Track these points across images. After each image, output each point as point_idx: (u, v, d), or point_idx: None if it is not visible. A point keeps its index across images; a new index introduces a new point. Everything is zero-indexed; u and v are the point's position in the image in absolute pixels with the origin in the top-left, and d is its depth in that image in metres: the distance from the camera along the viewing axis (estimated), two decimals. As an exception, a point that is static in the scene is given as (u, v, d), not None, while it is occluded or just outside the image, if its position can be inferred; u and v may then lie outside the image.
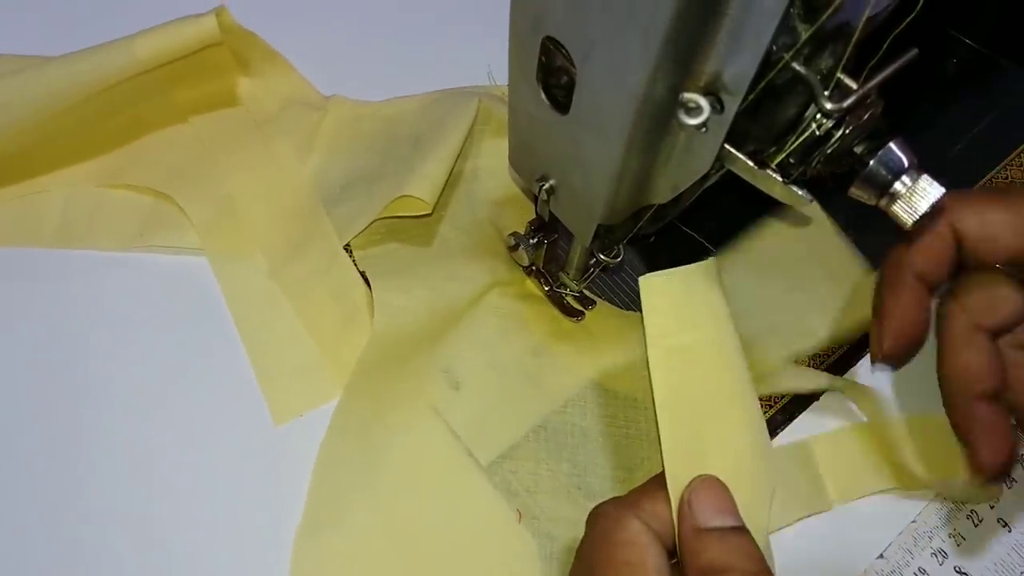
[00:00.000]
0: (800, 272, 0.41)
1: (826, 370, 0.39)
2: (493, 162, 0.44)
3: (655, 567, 0.26)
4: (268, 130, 0.45)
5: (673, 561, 0.27)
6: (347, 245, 0.41)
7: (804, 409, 0.38)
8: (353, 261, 0.41)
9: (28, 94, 0.40)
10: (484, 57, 0.47)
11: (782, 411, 0.38)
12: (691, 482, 0.27)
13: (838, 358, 0.40)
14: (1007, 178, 0.44)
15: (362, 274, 0.41)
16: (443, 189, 0.40)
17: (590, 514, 0.28)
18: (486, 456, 0.37)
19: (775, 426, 0.38)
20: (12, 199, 0.43)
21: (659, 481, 0.28)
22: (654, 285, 0.29)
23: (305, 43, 0.47)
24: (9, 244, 0.42)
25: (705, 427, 0.28)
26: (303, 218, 0.42)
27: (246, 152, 0.44)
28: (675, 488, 0.27)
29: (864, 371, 0.39)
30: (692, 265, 0.30)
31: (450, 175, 0.41)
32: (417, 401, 0.37)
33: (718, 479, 0.27)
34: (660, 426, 0.28)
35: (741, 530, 0.26)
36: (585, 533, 0.28)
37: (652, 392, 0.29)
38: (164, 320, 0.40)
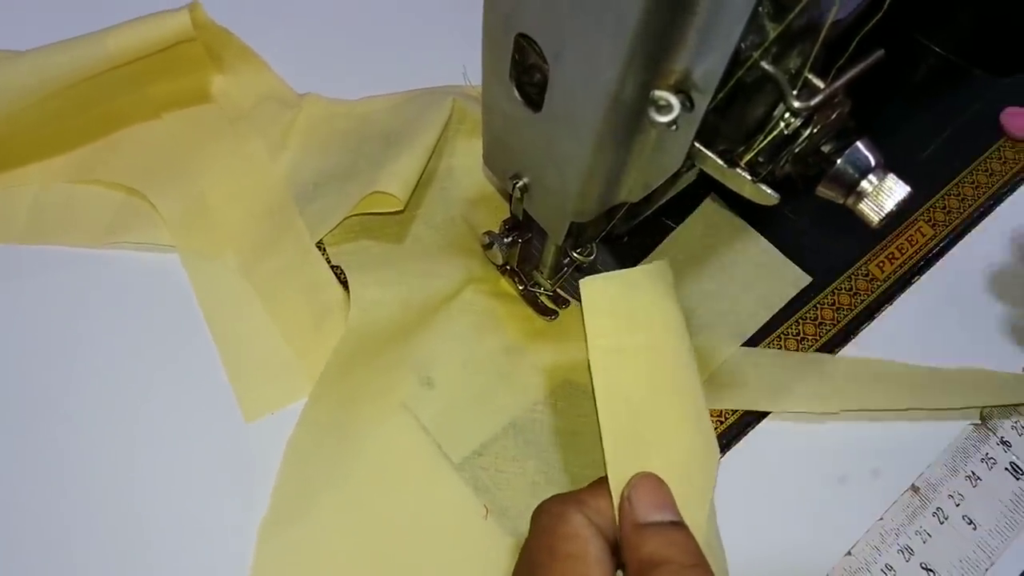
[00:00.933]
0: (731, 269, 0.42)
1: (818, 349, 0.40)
2: (468, 161, 0.44)
3: (596, 559, 0.26)
4: (241, 127, 0.45)
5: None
6: (320, 242, 0.41)
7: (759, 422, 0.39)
8: (327, 258, 0.41)
9: (2, 85, 0.39)
10: (459, 57, 0.47)
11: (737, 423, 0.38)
12: (631, 479, 0.28)
13: (825, 341, 0.40)
14: (973, 183, 0.45)
15: (335, 269, 0.40)
16: (416, 186, 0.40)
17: (535, 510, 0.29)
18: (458, 453, 0.37)
19: (728, 439, 0.38)
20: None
21: (604, 480, 0.28)
22: (595, 287, 0.30)
23: (279, 41, 0.47)
24: None
25: (645, 426, 0.29)
26: (275, 216, 0.42)
27: (219, 149, 0.44)
28: (616, 485, 0.28)
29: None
30: (636, 268, 0.30)
31: (423, 173, 0.41)
32: (388, 397, 0.37)
33: (657, 476, 0.28)
34: (601, 425, 0.29)
35: (679, 525, 0.27)
36: (530, 529, 0.29)
37: (593, 393, 0.29)
38: (135, 317, 0.40)
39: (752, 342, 0.40)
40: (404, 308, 0.38)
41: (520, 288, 0.40)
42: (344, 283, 0.40)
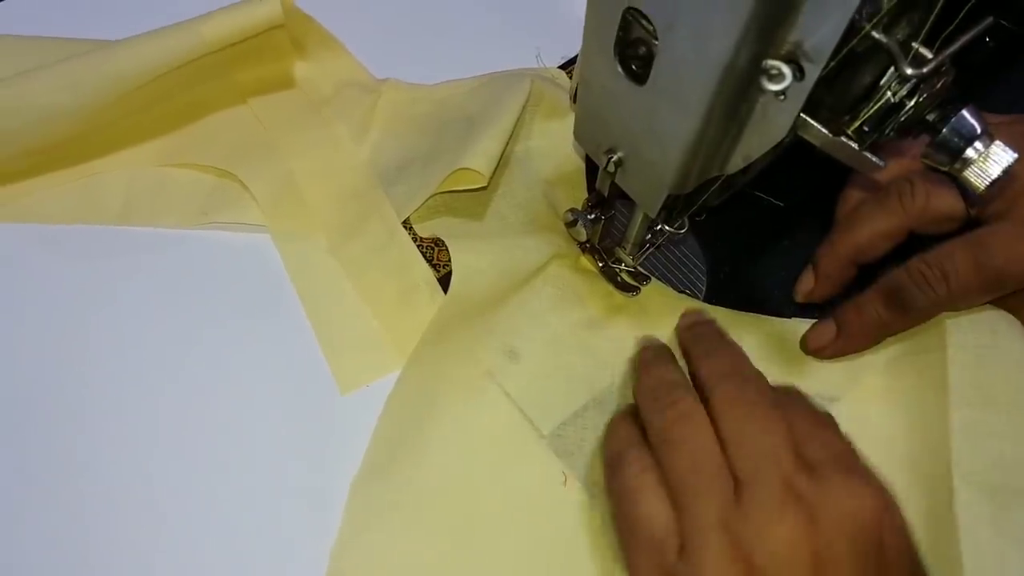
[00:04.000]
0: None
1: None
2: (545, 143, 0.45)
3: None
4: (325, 112, 0.46)
5: None
6: (406, 222, 0.42)
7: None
8: (415, 235, 0.42)
9: (97, 75, 0.41)
10: (532, 40, 0.48)
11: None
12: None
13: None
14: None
15: (421, 248, 0.42)
16: (498, 165, 0.41)
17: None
18: (545, 425, 0.38)
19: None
20: (76, 178, 0.44)
21: None
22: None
23: (358, 27, 0.48)
24: (74, 221, 0.43)
25: None
26: (361, 197, 0.44)
27: (304, 133, 0.45)
28: None
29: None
30: None
31: (503, 153, 0.42)
32: (476, 365, 0.39)
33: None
34: None
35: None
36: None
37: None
38: (228, 296, 0.41)
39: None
40: (501, 276, 0.40)
41: (600, 265, 0.41)
42: (430, 261, 0.41)
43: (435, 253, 0.42)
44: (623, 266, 0.40)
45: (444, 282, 0.41)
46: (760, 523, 0.27)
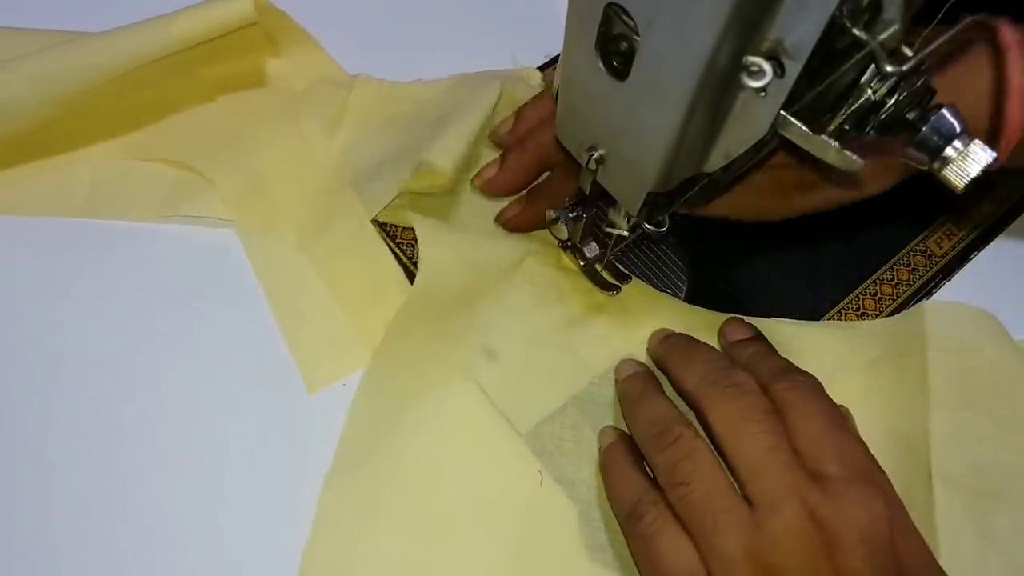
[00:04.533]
0: None
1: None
2: None
3: None
4: (296, 108, 0.46)
5: None
6: (375, 220, 0.42)
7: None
8: (392, 229, 0.42)
9: (65, 69, 0.40)
10: (512, 37, 0.48)
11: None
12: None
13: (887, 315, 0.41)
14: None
15: (404, 243, 0.42)
16: (463, 162, 0.41)
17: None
18: (523, 425, 0.38)
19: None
20: (41, 172, 0.43)
21: None
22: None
23: (332, 23, 0.48)
24: (39, 214, 0.43)
25: None
26: (331, 194, 0.43)
27: (274, 129, 0.45)
28: None
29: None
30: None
31: (470, 152, 0.42)
32: (450, 362, 0.38)
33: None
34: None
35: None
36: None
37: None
38: (194, 291, 0.41)
39: (815, 315, 0.40)
40: (470, 270, 0.40)
41: (581, 264, 0.41)
42: (410, 258, 0.41)
43: (415, 249, 0.41)
44: (603, 264, 0.40)
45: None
46: (786, 550, 0.28)
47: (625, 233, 0.36)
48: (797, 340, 0.39)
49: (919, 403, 0.36)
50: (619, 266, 0.41)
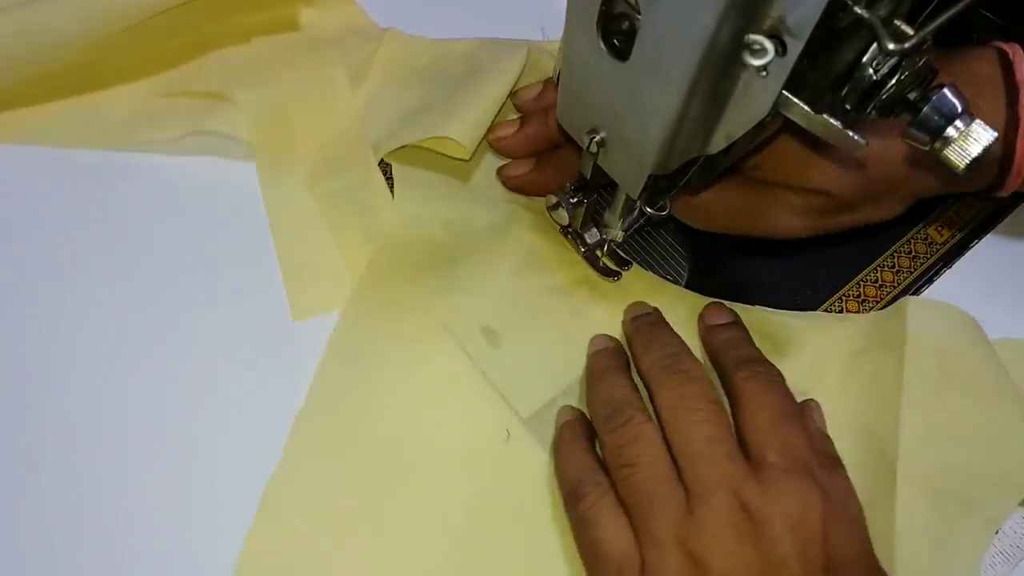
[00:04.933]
0: None
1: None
2: None
3: None
4: (326, 53, 0.46)
5: None
6: (388, 172, 0.43)
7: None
8: (390, 183, 0.43)
9: (107, 4, 0.41)
10: (543, 9, 0.48)
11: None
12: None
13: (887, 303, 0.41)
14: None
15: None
16: (480, 133, 0.42)
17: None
18: (525, 409, 0.38)
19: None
20: (77, 107, 0.44)
21: None
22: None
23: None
24: (72, 144, 0.43)
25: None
26: (346, 140, 0.44)
27: (302, 69, 0.45)
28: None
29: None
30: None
31: (488, 122, 0.42)
32: (430, 314, 0.39)
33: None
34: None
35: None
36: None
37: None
38: (206, 221, 0.42)
39: (814, 302, 0.40)
40: (445, 227, 0.40)
41: (582, 250, 0.41)
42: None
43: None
44: (605, 249, 0.40)
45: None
46: (713, 538, 0.29)
47: (620, 236, 0.36)
48: (780, 330, 0.39)
49: (893, 400, 0.35)
50: (620, 252, 0.41)
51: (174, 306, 0.40)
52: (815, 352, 0.39)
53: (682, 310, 0.39)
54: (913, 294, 0.41)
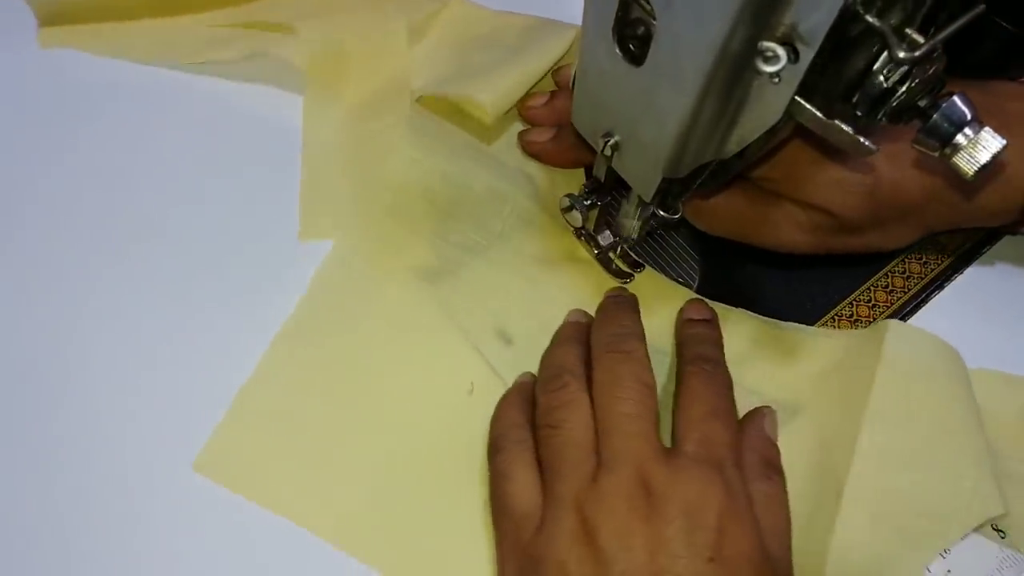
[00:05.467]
0: None
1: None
2: None
3: None
4: (391, 7, 0.47)
5: None
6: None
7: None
8: None
9: None
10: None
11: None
12: None
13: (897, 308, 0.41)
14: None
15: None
16: (512, 106, 0.43)
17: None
18: None
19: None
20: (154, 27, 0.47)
21: None
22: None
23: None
24: (145, 60, 0.46)
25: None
26: (392, 87, 0.45)
27: (368, 18, 0.47)
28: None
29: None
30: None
31: (519, 96, 0.43)
32: (415, 256, 0.41)
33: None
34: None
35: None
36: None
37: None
38: (245, 143, 0.45)
39: (825, 307, 0.41)
40: (443, 180, 0.42)
41: (595, 252, 0.41)
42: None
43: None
44: (618, 252, 0.41)
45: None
46: (608, 507, 0.30)
47: (633, 239, 0.36)
48: (756, 334, 0.40)
49: (855, 418, 0.36)
50: (633, 255, 0.41)
51: (190, 210, 0.43)
52: (787, 361, 0.39)
53: (737, 325, 0.40)
54: (924, 301, 0.41)
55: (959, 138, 0.26)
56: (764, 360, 0.39)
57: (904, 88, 0.26)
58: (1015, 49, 0.49)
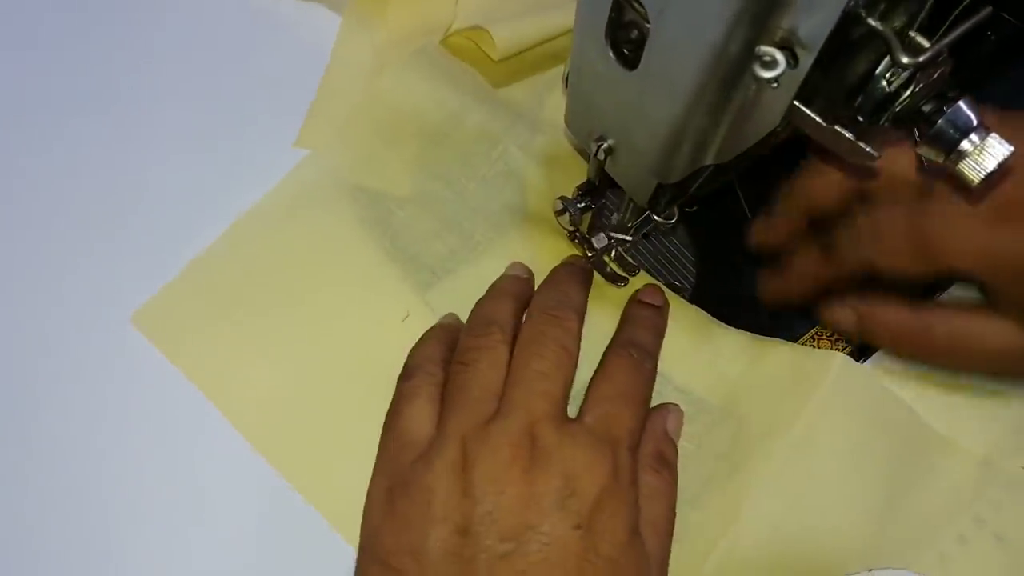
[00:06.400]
0: None
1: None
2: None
3: None
4: None
5: None
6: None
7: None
8: None
9: None
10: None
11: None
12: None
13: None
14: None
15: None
16: (517, 48, 0.43)
17: None
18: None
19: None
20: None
21: None
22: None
23: None
24: None
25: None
26: (430, 23, 0.45)
27: None
28: None
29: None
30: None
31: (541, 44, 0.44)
32: (387, 185, 0.41)
33: None
34: None
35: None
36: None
37: None
38: (277, 49, 0.45)
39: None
40: (437, 107, 0.42)
41: (589, 256, 0.40)
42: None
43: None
44: (613, 255, 0.40)
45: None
46: (491, 448, 0.30)
47: (627, 242, 0.36)
48: (702, 331, 0.39)
49: (773, 438, 0.36)
50: (628, 258, 0.40)
51: (199, 89, 0.44)
52: (728, 365, 0.38)
53: (683, 321, 0.39)
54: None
55: (965, 144, 0.25)
56: (701, 359, 0.38)
57: (908, 92, 0.25)
58: (1017, 41, 0.48)
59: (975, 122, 0.25)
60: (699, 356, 0.39)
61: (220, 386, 0.37)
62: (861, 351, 0.39)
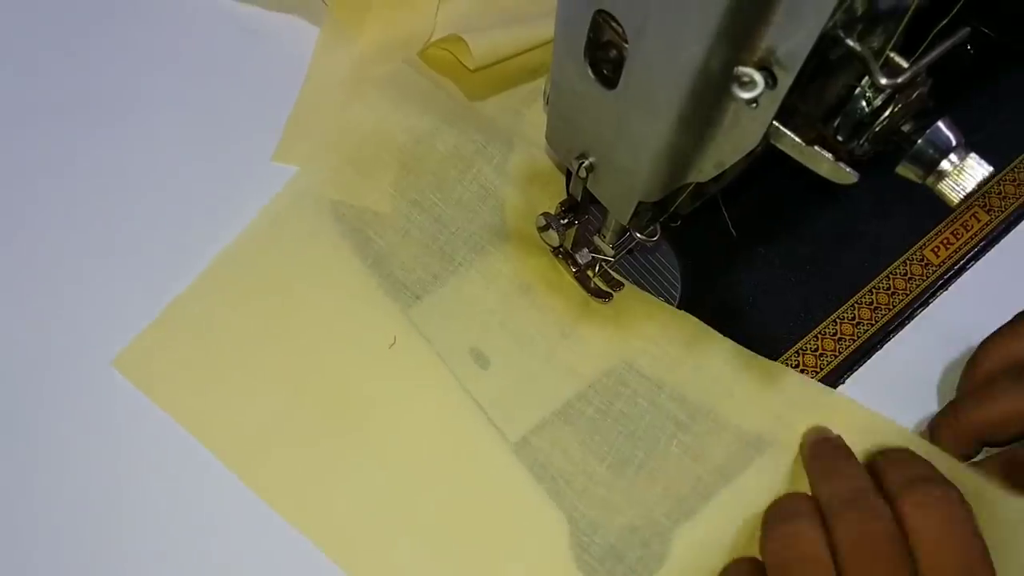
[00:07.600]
0: None
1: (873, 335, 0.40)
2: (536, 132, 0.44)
3: None
4: None
5: None
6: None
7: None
8: None
9: None
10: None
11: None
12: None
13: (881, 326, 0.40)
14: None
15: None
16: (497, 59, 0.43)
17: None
18: (513, 434, 0.37)
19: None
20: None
21: None
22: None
23: None
24: None
25: None
26: (409, 36, 0.45)
27: None
28: None
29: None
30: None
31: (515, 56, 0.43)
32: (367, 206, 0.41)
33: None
34: None
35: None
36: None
37: None
38: (254, 63, 0.46)
39: (808, 324, 0.40)
40: (407, 133, 0.42)
41: (573, 271, 0.40)
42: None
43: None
44: (596, 270, 0.40)
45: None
46: None
47: (611, 258, 0.35)
48: (735, 361, 0.39)
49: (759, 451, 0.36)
50: (612, 273, 0.40)
51: (174, 113, 0.44)
52: (762, 393, 0.38)
53: (674, 331, 0.39)
54: (908, 318, 0.40)
55: (944, 164, 0.26)
56: (740, 390, 0.38)
57: (887, 113, 0.25)
58: (996, 55, 0.48)
59: (954, 142, 0.25)
60: (737, 385, 0.38)
61: (203, 425, 0.37)
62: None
